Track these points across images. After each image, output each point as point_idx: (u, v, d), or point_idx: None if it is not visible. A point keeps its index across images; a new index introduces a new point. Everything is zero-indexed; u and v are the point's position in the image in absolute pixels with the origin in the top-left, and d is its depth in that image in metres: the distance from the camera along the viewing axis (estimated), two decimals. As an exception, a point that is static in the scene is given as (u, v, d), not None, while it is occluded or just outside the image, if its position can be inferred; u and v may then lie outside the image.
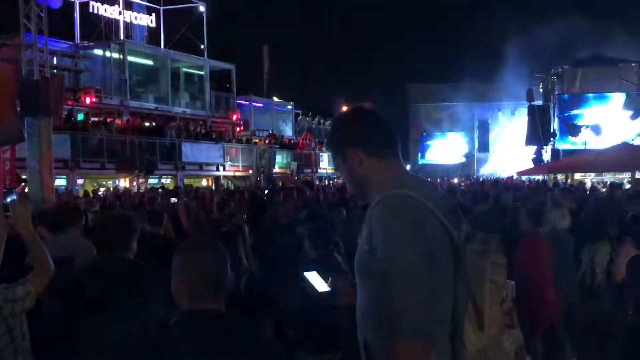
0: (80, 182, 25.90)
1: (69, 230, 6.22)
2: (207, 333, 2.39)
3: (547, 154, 34.20)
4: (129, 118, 30.13)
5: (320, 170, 40.53)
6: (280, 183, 29.68)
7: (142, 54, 34.15)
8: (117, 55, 31.65)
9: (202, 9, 36.50)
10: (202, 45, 36.78)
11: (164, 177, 30.00)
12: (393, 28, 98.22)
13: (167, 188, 19.35)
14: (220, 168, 32.43)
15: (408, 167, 49.61)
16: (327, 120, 50.57)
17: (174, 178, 29.44)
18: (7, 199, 3.76)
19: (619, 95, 34.66)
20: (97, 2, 31.67)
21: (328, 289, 2.88)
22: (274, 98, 45.88)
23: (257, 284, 5.15)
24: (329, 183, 31.69)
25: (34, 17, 15.78)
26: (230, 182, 32.37)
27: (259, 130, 41.33)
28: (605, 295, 10.23)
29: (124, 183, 28.18)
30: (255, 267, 6.14)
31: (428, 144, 54.32)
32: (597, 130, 33.51)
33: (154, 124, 31.29)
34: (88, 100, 28.33)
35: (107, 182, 29.09)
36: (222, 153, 32.49)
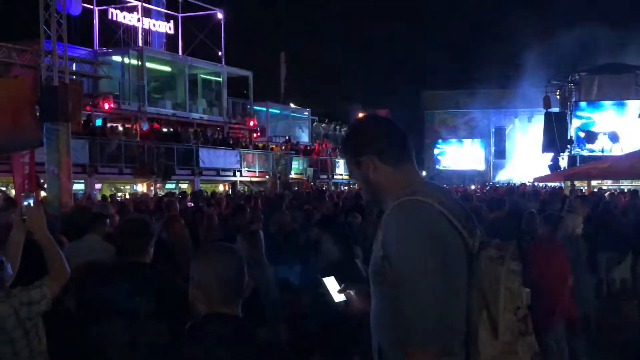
0: (98, 186, 26.06)
1: (91, 235, 6.28)
2: (222, 337, 2.40)
3: (563, 161, 34.00)
4: (148, 125, 30.24)
5: (336, 176, 40.51)
6: (295, 188, 29.75)
7: (160, 61, 34.29)
8: (135, 62, 31.82)
9: (220, 16, 36.63)
10: (219, 52, 36.93)
11: (182, 182, 30.12)
12: (409, 35, 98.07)
13: (184, 192, 19.38)
14: (237, 174, 32.49)
15: (424, 173, 49.73)
16: (343, 127, 50.59)
17: (191, 183, 29.55)
18: (24, 203, 3.82)
19: (636, 103, 34.41)
20: (116, 9, 31.90)
21: (344, 299, 2.87)
22: (291, 104, 45.95)
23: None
24: (343, 189, 31.67)
25: (54, 23, 15.92)
26: (247, 187, 32.44)
27: (276, 137, 41.42)
28: (626, 303, 10.19)
29: (142, 188, 28.31)
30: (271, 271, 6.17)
31: (443, 151, 54.19)
32: (614, 138, 33.28)
33: (172, 130, 31.45)
34: (106, 106, 28.51)
35: (124, 187, 29.25)
36: (239, 159, 32.57)
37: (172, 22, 35.45)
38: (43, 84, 15.84)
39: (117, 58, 32.36)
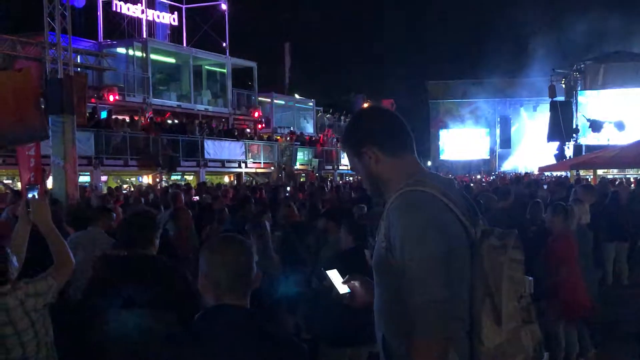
0: (104, 178, 26.10)
1: (94, 227, 6.30)
2: (230, 328, 2.41)
3: (569, 150, 33.93)
4: (152, 117, 30.24)
5: (342, 167, 40.49)
6: (302, 179, 29.74)
7: (164, 52, 34.25)
8: (139, 54, 31.82)
9: (224, 7, 36.57)
10: (224, 43, 36.87)
11: (187, 174, 30.16)
12: (414, 25, 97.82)
13: (189, 184, 19.38)
14: (242, 165, 32.51)
15: (429, 163, 49.55)
16: (348, 117, 50.50)
17: (197, 175, 29.59)
18: (29, 195, 3.83)
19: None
20: (120, 1, 31.83)
21: (348, 291, 2.86)
22: (295, 95, 45.89)
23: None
24: (347, 180, 31.66)
25: (58, 16, 15.92)
26: (252, 178, 32.46)
27: (281, 128, 41.40)
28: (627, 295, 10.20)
29: (147, 180, 28.36)
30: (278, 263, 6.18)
31: (447, 141, 54.09)
32: (620, 127, 33.17)
33: (177, 122, 31.47)
34: (111, 98, 28.55)
35: (130, 178, 29.30)
36: (244, 150, 32.55)
37: (176, 13, 35.39)
38: (48, 77, 15.86)
39: (121, 50, 32.35)
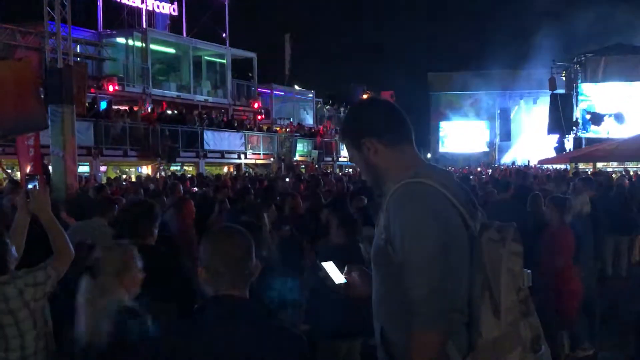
0: (103, 169, 26.09)
1: (98, 218, 6.29)
2: (229, 319, 2.41)
3: (569, 143, 33.92)
4: (153, 107, 30.20)
5: (341, 159, 40.49)
6: (303, 170, 29.74)
7: (164, 43, 34.17)
8: (139, 44, 31.73)
9: (223, -2, 36.50)
10: (224, 34, 36.78)
11: (186, 164, 30.16)
12: (415, 16, 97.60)
13: (184, 175, 19.34)
14: (242, 156, 32.53)
15: (429, 155, 49.50)
16: (347, 109, 50.32)
17: (196, 165, 29.59)
18: (29, 186, 3.81)
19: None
20: (120, -10, 31.77)
21: (344, 281, 2.87)
22: (295, 86, 45.84)
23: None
24: (346, 172, 31.64)
25: (58, 5, 15.87)
26: (252, 169, 32.46)
27: (280, 119, 41.36)
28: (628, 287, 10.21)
29: (147, 170, 28.36)
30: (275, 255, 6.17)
31: (447, 133, 54.06)
32: (620, 119, 33.15)
33: (176, 112, 31.44)
34: (111, 88, 28.49)
35: (129, 169, 29.30)
36: (243, 141, 32.57)
37: (176, 3, 35.26)
38: (47, 66, 15.83)
39: (121, 40, 32.27)
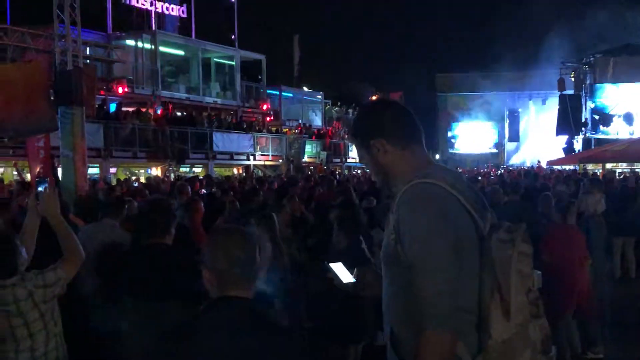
0: (113, 170, 26.17)
1: (108, 220, 6.30)
2: (233, 320, 2.39)
3: (578, 144, 33.80)
4: (161, 109, 30.25)
5: (350, 160, 40.46)
6: (309, 172, 29.73)
7: (173, 45, 34.22)
8: (148, 46, 31.78)
9: (233, 0, 36.53)
10: (232, 36, 36.82)
11: (196, 166, 30.21)
12: (423, 17, 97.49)
13: (193, 177, 19.34)
14: (251, 157, 32.56)
15: (437, 157, 49.43)
16: (356, 110, 50.43)
17: (205, 167, 29.63)
18: (39, 188, 3.80)
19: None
20: (129, -8, 31.84)
21: (353, 280, 2.87)
22: (304, 88, 45.85)
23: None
24: (356, 173, 31.62)
25: (67, 8, 15.93)
26: (260, 171, 32.49)
27: (289, 120, 41.37)
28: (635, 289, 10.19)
29: (156, 172, 28.42)
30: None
31: (455, 134, 53.96)
32: (629, 120, 33.01)
33: (185, 114, 31.51)
34: (120, 90, 28.56)
35: (139, 170, 29.37)
36: (252, 143, 32.59)
37: (185, 5, 35.34)
38: (57, 69, 15.87)
39: (130, 42, 32.32)
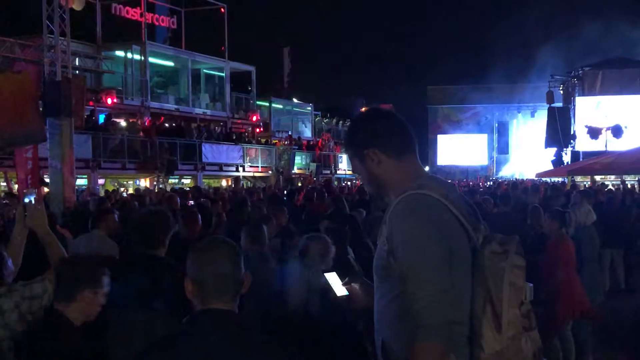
0: (101, 182, 26.08)
1: (97, 231, 6.27)
2: (215, 333, 2.36)
3: (567, 156, 33.98)
4: (148, 120, 30.20)
5: (339, 172, 40.49)
6: (299, 184, 29.70)
7: (163, 56, 34.22)
8: (138, 57, 31.74)
9: (223, 11, 36.59)
10: (222, 47, 36.87)
11: (184, 177, 30.13)
12: (413, 31, 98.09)
13: (183, 188, 19.31)
14: (240, 169, 32.53)
15: (427, 168, 49.79)
16: (346, 122, 50.53)
17: (194, 178, 29.57)
18: (26, 200, 3.79)
19: None
20: (119, 3, 31.80)
21: (346, 294, 2.86)
22: (294, 99, 45.92)
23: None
24: (348, 184, 31.65)
25: (57, 18, 15.93)
26: (250, 182, 32.45)
27: (279, 132, 41.40)
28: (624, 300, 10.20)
29: (145, 183, 28.33)
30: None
31: (443, 147, 54.13)
32: (617, 133, 33.21)
33: (174, 125, 31.46)
34: (109, 101, 28.49)
35: (127, 182, 29.27)
36: (241, 154, 32.58)
37: (175, 16, 35.37)
38: (46, 79, 15.85)
39: (120, 53, 32.31)
